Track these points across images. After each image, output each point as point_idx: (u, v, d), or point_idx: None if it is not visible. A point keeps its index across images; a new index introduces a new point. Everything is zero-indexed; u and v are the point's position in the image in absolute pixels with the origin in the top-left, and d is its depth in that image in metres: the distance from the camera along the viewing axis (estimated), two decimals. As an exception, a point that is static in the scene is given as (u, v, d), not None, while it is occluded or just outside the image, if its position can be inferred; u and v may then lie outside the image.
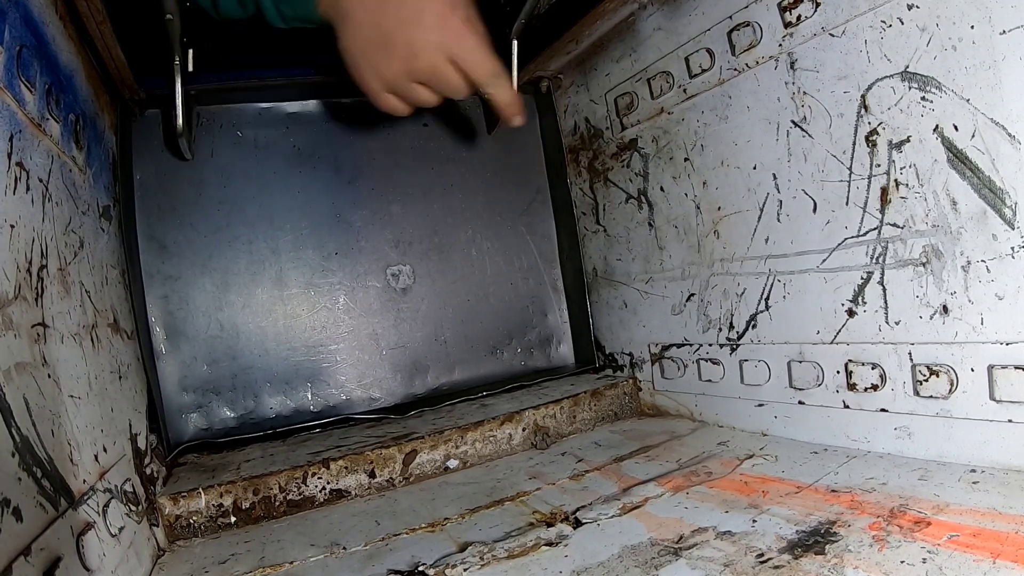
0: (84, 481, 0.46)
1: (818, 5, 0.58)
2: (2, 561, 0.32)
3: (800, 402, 0.65)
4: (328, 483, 0.68)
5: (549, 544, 0.51)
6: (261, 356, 0.87)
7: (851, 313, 0.60)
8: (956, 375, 0.52)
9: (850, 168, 0.58)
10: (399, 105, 0.67)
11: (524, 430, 0.79)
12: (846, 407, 0.61)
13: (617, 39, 0.83)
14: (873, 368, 0.58)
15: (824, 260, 0.61)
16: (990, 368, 0.49)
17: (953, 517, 0.44)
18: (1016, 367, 0.48)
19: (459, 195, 0.99)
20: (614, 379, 0.90)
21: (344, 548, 0.56)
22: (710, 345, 0.76)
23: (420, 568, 0.50)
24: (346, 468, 0.68)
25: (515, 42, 0.87)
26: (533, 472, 0.69)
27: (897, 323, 0.56)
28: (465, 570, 0.48)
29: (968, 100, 0.48)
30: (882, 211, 0.56)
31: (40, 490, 0.39)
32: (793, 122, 0.62)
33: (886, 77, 0.54)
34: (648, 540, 0.49)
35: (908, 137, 0.53)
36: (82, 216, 0.58)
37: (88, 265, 0.58)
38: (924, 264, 0.53)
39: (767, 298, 0.68)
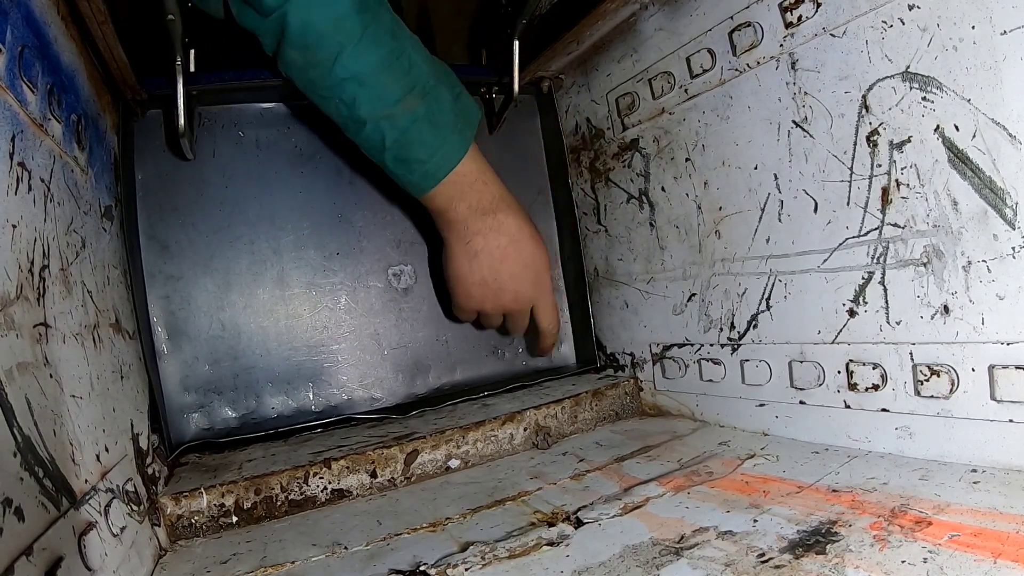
0: (86, 481, 0.46)
1: (819, 5, 0.58)
2: (4, 561, 0.32)
3: (801, 402, 0.65)
4: (330, 483, 0.68)
5: (550, 544, 0.51)
6: (263, 356, 0.87)
7: (852, 313, 0.60)
8: (957, 375, 0.52)
9: (851, 168, 0.58)
10: (471, 319, 0.89)
11: (525, 430, 0.79)
12: (847, 407, 0.61)
13: (618, 39, 0.83)
14: (874, 368, 0.58)
15: (825, 260, 0.61)
16: (991, 368, 0.49)
17: (954, 517, 0.44)
18: (1017, 367, 0.48)
19: (460, 195, 0.99)
20: (615, 379, 0.90)
21: (346, 548, 0.56)
22: (711, 345, 0.76)
23: (421, 568, 0.50)
24: (347, 468, 0.69)
25: (516, 42, 0.87)
26: (534, 472, 0.70)
27: (898, 323, 0.56)
28: (467, 570, 0.48)
29: (969, 100, 0.48)
30: (883, 211, 0.56)
31: (42, 490, 0.39)
32: (794, 122, 0.62)
33: (887, 77, 0.54)
34: (649, 540, 0.49)
35: (909, 137, 0.53)
36: (84, 216, 0.58)
37: (90, 265, 0.58)
38: (925, 264, 0.53)
39: (768, 298, 0.68)
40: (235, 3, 0.68)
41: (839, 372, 0.61)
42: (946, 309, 0.52)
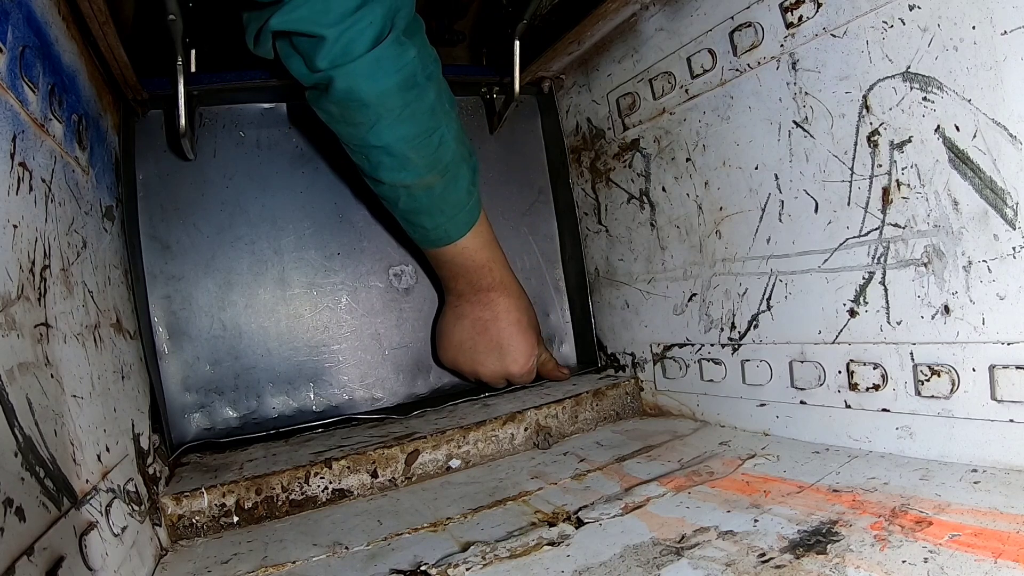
0: (87, 481, 0.46)
1: (820, 5, 0.58)
2: (5, 561, 0.32)
3: (802, 402, 0.65)
4: (331, 483, 0.68)
5: (551, 544, 0.51)
6: (264, 356, 0.87)
7: (853, 313, 0.60)
8: (957, 375, 0.52)
9: (852, 168, 0.58)
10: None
11: (526, 430, 0.79)
12: (848, 407, 0.61)
13: (619, 40, 0.83)
14: (875, 368, 0.58)
15: (826, 260, 0.61)
16: (991, 368, 0.49)
17: (954, 517, 0.44)
18: (1017, 367, 0.48)
19: (461, 195, 0.99)
20: (616, 379, 0.90)
21: (346, 548, 0.56)
22: (712, 345, 0.76)
23: (422, 567, 0.50)
24: (348, 468, 0.69)
25: (517, 42, 0.87)
26: (535, 472, 0.70)
27: (899, 323, 0.56)
28: (467, 570, 0.48)
29: (969, 100, 0.48)
30: (884, 211, 0.56)
31: (43, 490, 0.39)
32: (795, 122, 0.62)
33: (888, 77, 0.54)
34: (650, 540, 0.49)
35: (909, 137, 0.53)
36: (85, 216, 0.58)
37: (91, 265, 0.58)
38: (926, 264, 0.53)
39: (769, 298, 0.68)
40: (284, 47, 0.69)
41: (840, 372, 0.61)
42: (947, 309, 0.52)
